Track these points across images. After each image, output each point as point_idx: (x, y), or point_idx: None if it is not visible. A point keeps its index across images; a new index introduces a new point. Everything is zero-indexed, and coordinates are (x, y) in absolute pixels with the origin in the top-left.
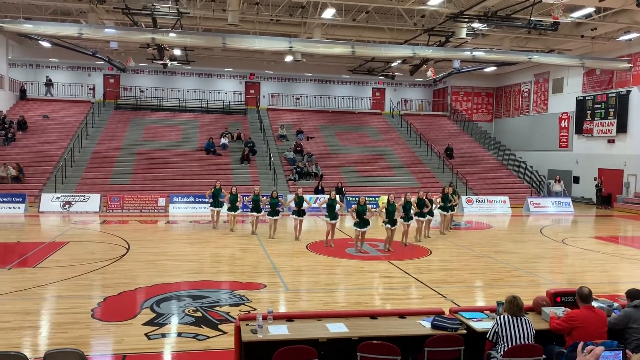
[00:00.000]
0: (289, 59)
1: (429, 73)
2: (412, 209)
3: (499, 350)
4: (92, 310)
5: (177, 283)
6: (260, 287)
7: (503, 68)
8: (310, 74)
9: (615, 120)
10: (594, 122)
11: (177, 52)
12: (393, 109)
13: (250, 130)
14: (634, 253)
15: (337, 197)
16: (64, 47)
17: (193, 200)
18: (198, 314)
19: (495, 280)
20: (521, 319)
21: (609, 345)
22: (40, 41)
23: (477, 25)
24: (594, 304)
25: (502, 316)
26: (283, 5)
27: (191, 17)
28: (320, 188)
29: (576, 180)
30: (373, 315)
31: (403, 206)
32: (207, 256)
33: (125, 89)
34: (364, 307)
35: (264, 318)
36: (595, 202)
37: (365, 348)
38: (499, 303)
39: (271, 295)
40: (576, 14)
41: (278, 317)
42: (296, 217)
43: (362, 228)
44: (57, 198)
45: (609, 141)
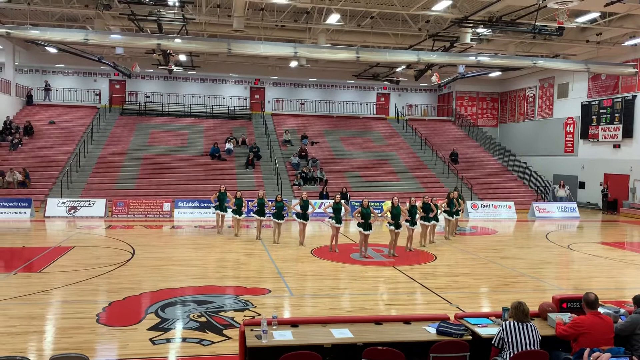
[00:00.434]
0: (293, 64)
1: (434, 78)
2: (417, 213)
3: (505, 357)
4: (97, 315)
5: (181, 288)
6: (265, 293)
7: (508, 73)
8: (314, 79)
9: (620, 125)
10: (600, 127)
11: (182, 57)
12: (398, 114)
13: (255, 136)
14: None
15: (342, 201)
16: (70, 53)
17: (198, 205)
18: (203, 319)
19: (500, 286)
20: (527, 325)
21: (615, 352)
22: (46, 47)
23: (481, 30)
24: (601, 310)
25: (507, 322)
26: (288, 11)
27: (196, 23)
28: (324, 193)
29: (582, 185)
30: (378, 321)
31: (408, 210)
32: (211, 261)
33: (130, 95)
34: (369, 313)
35: (269, 323)
36: (601, 207)
37: (370, 354)
38: (504, 309)
39: (276, 301)
40: (581, 19)
41: (283, 323)
42: (301, 220)
43: (366, 230)
44: (63, 203)
45: (614, 146)
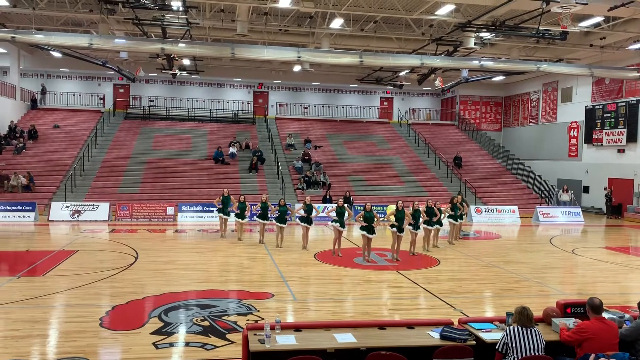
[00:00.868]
0: (297, 68)
1: (437, 82)
2: (420, 218)
3: None
4: (100, 319)
5: (185, 292)
6: (268, 297)
7: (511, 77)
8: (318, 84)
9: (625, 130)
10: (604, 131)
11: (186, 62)
12: (401, 118)
13: (259, 140)
14: None
15: (345, 205)
16: (75, 57)
17: (201, 209)
18: (206, 323)
19: (504, 290)
20: (531, 330)
21: (620, 357)
22: (51, 51)
23: (485, 34)
24: (605, 315)
25: (511, 327)
26: (291, 16)
27: (200, 27)
28: (328, 197)
29: (586, 189)
30: (381, 326)
31: (412, 214)
32: (215, 265)
33: (134, 99)
34: (372, 317)
35: (272, 328)
36: (605, 212)
37: (374, 359)
38: (508, 314)
39: (279, 305)
40: (585, 23)
41: (286, 327)
42: (304, 224)
43: (369, 234)
44: (67, 207)
45: (619, 150)
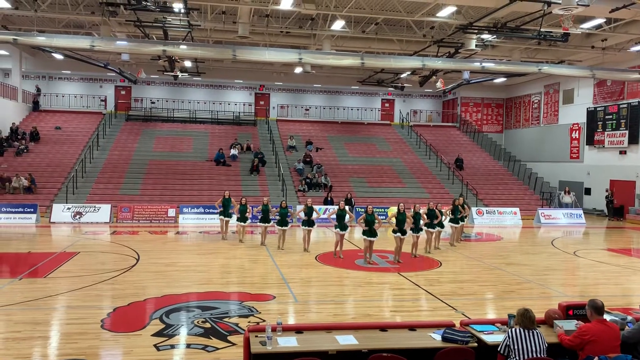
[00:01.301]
0: (298, 70)
1: (439, 84)
2: (421, 220)
3: None
4: (101, 320)
5: (186, 294)
6: (270, 299)
7: (513, 79)
8: (319, 85)
9: (626, 132)
10: (605, 133)
11: (187, 63)
12: (402, 120)
13: (260, 141)
14: None
15: (347, 207)
16: (76, 59)
17: (203, 211)
18: (207, 325)
19: (506, 292)
20: (533, 332)
21: None
22: (53, 53)
23: (486, 36)
24: (607, 317)
25: (513, 329)
26: (293, 18)
27: (202, 29)
28: (329, 199)
29: (587, 191)
30: (383, 328)
31: (412, 217)
32: (216, 267)
33: (136, 101)
34: (374, 319)
35: (273, 330)
36: (607, 213)
37: None
38: (510, 316)
39: (280, 307)
40: (586, 25)
41: (287, 329)
42: (305, 227)
43: (371, 237)
44: (68, 208)
45: (620, 152)
